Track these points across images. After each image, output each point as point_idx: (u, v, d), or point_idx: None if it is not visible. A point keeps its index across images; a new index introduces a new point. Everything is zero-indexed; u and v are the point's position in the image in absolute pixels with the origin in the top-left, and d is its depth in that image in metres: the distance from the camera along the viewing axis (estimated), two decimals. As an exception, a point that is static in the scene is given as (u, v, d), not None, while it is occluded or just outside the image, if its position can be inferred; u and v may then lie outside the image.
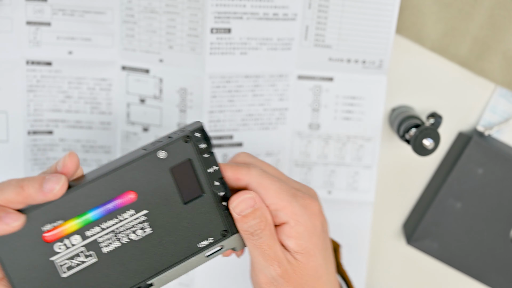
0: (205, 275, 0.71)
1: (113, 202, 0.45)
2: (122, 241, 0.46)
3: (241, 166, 0.49)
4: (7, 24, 0.63)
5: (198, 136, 0.46)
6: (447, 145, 0.70)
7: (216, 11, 0.63)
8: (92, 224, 0.45)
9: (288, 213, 0.49)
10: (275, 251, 0.49)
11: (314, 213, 0.50)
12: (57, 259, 0.45)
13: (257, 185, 0.49)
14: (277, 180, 0.49)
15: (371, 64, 0.66)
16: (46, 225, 0.44)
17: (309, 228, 0.49)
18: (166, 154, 0.46)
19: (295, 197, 0.49)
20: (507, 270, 0.70)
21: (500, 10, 0.64)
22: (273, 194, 0.49)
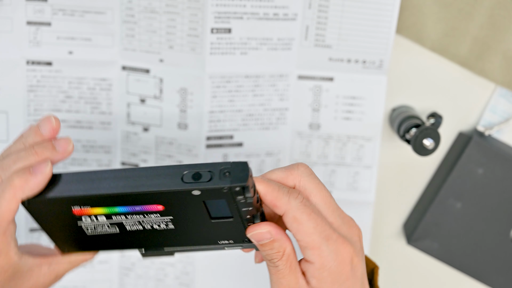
0: (205, 275, 0.71)
1: (141, 206, 0.46)
2: (145, 227, 0.48)
3: (283, 192, 0.46)
4: (7, 24, 0.63)
5: (238, 190, 0.44)
6: (447, 145, 0.70)
7: (216, 11, 0.63)
8: (118, 213, 0.47)
9: (316, 256, 0.46)
10: (288, 282, 0.48)
11: (343, 260, 0.47)
12: (84, 224, 0.48)
13: (292, 219, 0.46)
14: (314, 218, 0.46)
15: (371, 64, 0.66)
16: (75, 206, 0.46)
17: (334, 274, 0.47)
18: (200, 192, 0.45)
19: (328, 241, 0.46)
20: (507, 270, 0.70)
21: (500, 10, 0.64)
22: (305, 233, 0.46)
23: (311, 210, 0.46)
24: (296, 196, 0.46)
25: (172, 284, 0.72)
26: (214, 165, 0.44)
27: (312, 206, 0.47)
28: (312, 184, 0.48)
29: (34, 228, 0.69)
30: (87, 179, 0.46)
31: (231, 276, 0.72)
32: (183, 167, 0.45)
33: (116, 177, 0.45)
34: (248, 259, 0.71)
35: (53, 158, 0.47)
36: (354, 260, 0.48)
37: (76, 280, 0.71)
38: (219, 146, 0.68)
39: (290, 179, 0.48)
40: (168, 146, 0.67)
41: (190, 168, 0.45)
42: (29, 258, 0.50)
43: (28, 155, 0.47)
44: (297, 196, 0.46)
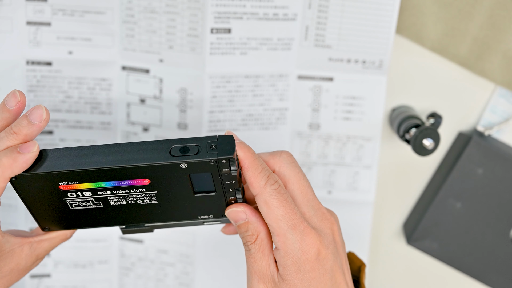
0: (205, 275, 0.71)
1: (127, 181, 0.47)
2: (129, 202, 0.49)
3: (262, 175, 0.48)
4: (7, 24, 0.63)
5: (224, 162, 0.46)
6: (447, 145, 0.70)
7: (216, 11, 0.63)
8: (104, 189, 0.48)
9: (281, 242, 0.48)
10: (259, 266, 0.49)
11: (308, 250, 0.48)
12: (68, 200, 0.49)
13: (263, 202, 0.47)
14: (284, 205, 0.47)
15: (371, 64, 0.66)
16: (62, 182, 0.47)
17: (297, 263, 0.48)
18: (187, 165, 0.46)
19: (294, 229, 0.47)
20: (507, 270, 0.70)
21: (500, 10, 0.64)
22: (274, 218, 0.47)
23: (284, 198, 0.48)
24: (272, 182, 0.48)
25: (172, 284, 0.72)
26: (201, 139, 0.46)
27: (286, 194, 0.48)
28: (292, 172, 0.49)
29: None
30: (75, 154, 0.46)
31: (230, 276, 0.72)
32: (171, 141, 0.46)
33: (104, 152, 0.46)
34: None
35: (32, 132, 0.47)
36: (321, 252, 0.48)
37: (76, 280, 0.71)
38: (219, 146, 0.68)
39: (271, 163, 0.50)
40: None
41: (177, 142, 0.46)
42: (10, 237, 0.50)
43: (7, 135, 0.47)
44: (273, 182, 0.48)
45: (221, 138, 0.46)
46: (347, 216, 0.70)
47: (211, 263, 0.71)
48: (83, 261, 0.71)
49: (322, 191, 0.70)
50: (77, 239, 0.70)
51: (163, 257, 0.71)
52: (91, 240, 0.71)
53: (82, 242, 0.71)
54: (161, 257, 0.71)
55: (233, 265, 0.72)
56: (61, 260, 0.71)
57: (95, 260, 0.71)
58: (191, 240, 0.70)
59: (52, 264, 0.71)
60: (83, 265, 0.71)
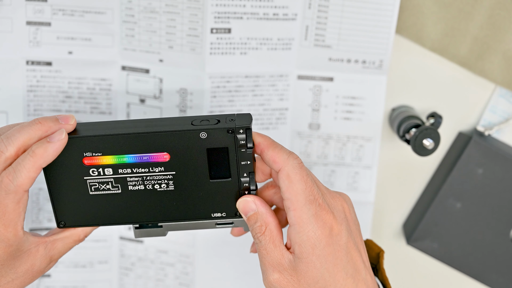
0: (205, 275, 0.71)
1: (148, 155, 0.50)
2: (147, 187, 0.51)
3: (283, 151, 0.49)
4: (7, 24, 0.63)
5: (241, 132, 0.49)
6: (447, 145, 0.70)
7: (216, 11, 0.63)
8: (125, 165, 0.50)
9: (296, 217, 0.48)
10: (272, 257, 0.49)
11: (322, 225, 0.48)
12: (90, 180, 0.51)
13: (285, 176, 0.49)
14: (305, 180, 0.49)
15: (371, 64, 0.66)
16: (88, 152, 0.50)
17: (313, 239, 0.48)
18: (207, 135, 0.49)
19: (311, 204, 0.48)
20: (507, 270, 0.70)
21: (500, 10, 0.64)
22: (293, 192, 0.48)
23: (305, 173, 0.49)
24: (295, 157, 0.49)
25: (172, 284, 0.72)
26: (221, 116, 0.50)
27: (308, 170, 0.50)
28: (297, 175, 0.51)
29: (34, 228, 0.69)
30: (103, 126, 0.50)
31: (230, 277, 0.72)
32: (193, 117, 0.50)
33: (130, 123, 0.50)
34: (247, 259, 0.71)
35: (56, 126, 0.50)
36: (334, 228, 0.49)
37: (76, 280, 0.71)
38: (219, 146, 0.68)
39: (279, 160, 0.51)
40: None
41: (199, 118, 0.50)
42: (29, 236, 0.51)
43: (32, 124, 0.49)
44: (296, 157, 0.49)
45: (239, 115, 0.49)
46: (347, 216, 0.70)
47: (211, 263, 0.71)
48: (83, 261, 0.71)
49: (322, 191, 0.70)
50: (77, 239, 0.71)
51: (163, 257, 0.71)
52: (91, 240, 0.71)
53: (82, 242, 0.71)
54: (161, 257, 0.71)
55: (233, 265, 0.72)
56: (61, 260, 0.71)
57: (95, 260, 0.71)
58: (191, 240, 0.70)
59: (52, 264, 0.71)
60: (83, 265, 0.71)
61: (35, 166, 0.48)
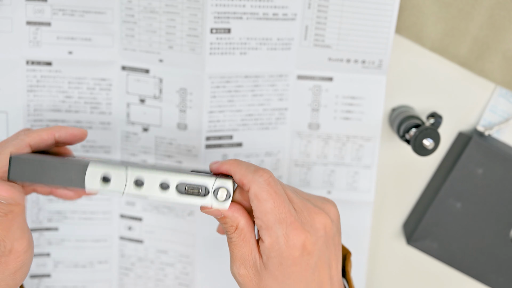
0: (205, 275, 0.71)
1: None
2: None
3: (248, 170, 0.49)
4: (7, 24, 0.63)
5: None
6: (447, 145, 0.70)
7: (216, 11, 0.63)
8: None
9: (267, 236, 0.48)
10: (241, 253, 0.50)
11: (293, 245, 0.48)
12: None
13: (253, 195, 0.48)
14: (274, 198, 0.48)
15: (370, 64, 0.66)
16: None
17: (281, 257, 0.48)
18: None
19: (281, 224, 0.48)
20: (507, 270, 0.70)
21: (500, 10, 0.64)
22: (262, 211, 0.48)
23: (274, 190, 0.48)
24: (261, 174, 0.48)
25: (171, 284, 0.72)
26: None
27: (277, 186, 0.48)
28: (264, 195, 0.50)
29: (35, 228, 0.69)
30: None
31: (230, 276, 0.72)
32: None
33: None
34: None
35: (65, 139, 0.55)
36: (307, 248, 0.49)
37: (76, 280, 0.71)
38: (218, 146, 0.68)
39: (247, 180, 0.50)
40: (168, 146, 0.67)
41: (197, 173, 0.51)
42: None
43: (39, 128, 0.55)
44: (262, 174, 0.48)
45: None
46: (346, 216, 0.70)
47: (211, 263, 0.71)
48: (83, 261, 0.71)
49: (322, 191, 0.70)
50: (77, 239, 0.71)
51: (163, 257, 0.71)
52: (91, 240, 0.71)
53: (82, 242, 0.71)
54: (161, 257, 0.71)
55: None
56: (61, 260, 0.71)
57: (95, 260, 0.71)
58: (191, 240, 0.70)
59: (52, 264, 0.71)
60: (83, 265, 0.71)
61: (51, 131, 0.54)
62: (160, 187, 0.49)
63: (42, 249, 0.70)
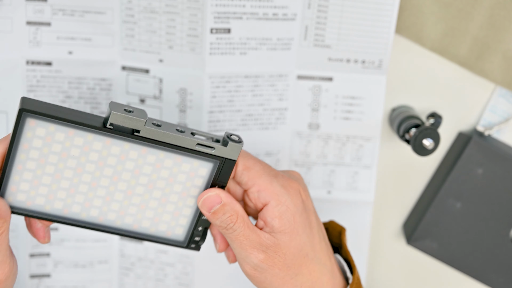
0: (205, 275, 0.72)
1: None
2: None
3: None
4: (7, 24, 0.63)
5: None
6: (447, 145, 0.70)
7: (216, 11, 0.63)
8: None
9: (270, 193, 0.51)
10: (252, 240, 0.50)
11: (295, 193, 0.51)
12: None
13: (243, 167, 0.52)
14: (259, 161, 0.52)
15: (370, 64, 0.66)
16: None
17: (291, 207, 0.51)
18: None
19: (276, 178, 0.51)
20: (507, 270, 0.70)
21: (500, 10, 0.64)
22: (255, 175, 0.51)
23: (255, 158, 0.52)
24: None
25: (171, 284, 0.72)
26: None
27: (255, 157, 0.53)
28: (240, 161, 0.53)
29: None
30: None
31: (230, 277, 0.72)
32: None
33: None
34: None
35: None
36: (302, 194, 0.52)
37: (76, 280, 0.71)
38: (218, 146, 0.68)
39: None
40: (168, 146, 0.67)
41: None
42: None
43: None
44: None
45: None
46: (346, 216, 0.70)
47: (211, 263, 0.71)
48: (83, 261, 0.71)
49: (322, 191, 0.70)
50: (77, 239, 0.71)
51: (163, 257, 0.71)
52: (91, 240, 0.71)
53: (82, 242, 0.71)
54: (161, 257, 0.71)
55: (233, 265, 0.72)
56: (61, 260, 0.71)
57: (95, 260, 0.71)
58: (191, 240, 0.70)
59: (52, 264, 0.71)
60: (83, 265, 0.71)
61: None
62: (176, 130, 0.50)
63: (42, 249, 0.70)
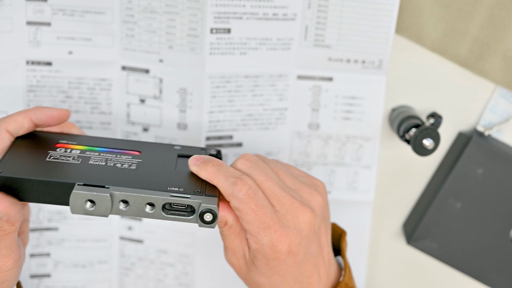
0: (205, 276, 0.72)
1: (121, 150, 0.52)
2: (107, 164, 0.50)
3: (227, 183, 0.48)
4: (7, 24, 0.63)
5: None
6: (447, 145, 0.70)
7: (216, 11, 0.63)
8: (95, 151, 0.52)
9: (252, 241, 0.49)
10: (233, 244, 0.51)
11: (279, 250, 0.49)
12: (52, 152, 0.51)
13: (234, 208, 0.49)
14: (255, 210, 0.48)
15: (370, 64, 0.66)
16: (63, 140, 0.53)
17: (267, 259, 0.49)
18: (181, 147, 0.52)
19: (265, 231, 0.48)
20: (507, 270, 0.70)
21: (500, 10, 0.64)
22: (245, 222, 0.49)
23: (254, 203, 0.48)
24: (240, 188, 0.48)
25: (171, 284, 0.72)
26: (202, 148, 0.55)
27: (257, 196, 0.48)
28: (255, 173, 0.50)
29: (35, 228, 0.69)
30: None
31: (230, 277, 0.72)
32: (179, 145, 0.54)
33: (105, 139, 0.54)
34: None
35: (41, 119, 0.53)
36: (292, 250, 0.49)
37: (76, 280, 0.71)
38: (218, 146, 0.68)
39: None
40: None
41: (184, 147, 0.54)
42: None
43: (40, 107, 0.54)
44: (241, 188, 0.48)
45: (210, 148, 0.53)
46: (346, 216, 0.70)
47: (211, 263, 0.71)
48: (83, 261, 0.71)
49: (322, 191, 0.70)
50: (77, 239, 0.71)
51: (163, 257, 0.71)
52: (91, 240, 0.71)
53: (82, 242, 0.71)
54: (161, 257, 0.71)
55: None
56: (61, 260, 0.71)
57: (95, 260, 0.71)
58: (191, 240, 0.70)
59: (52, 264, 0.71)
60: (83, 265, 0.71)
61: (26, 114, 0.51)
62: (146, 205, 0.48)
63: (42, 249, 0.70)
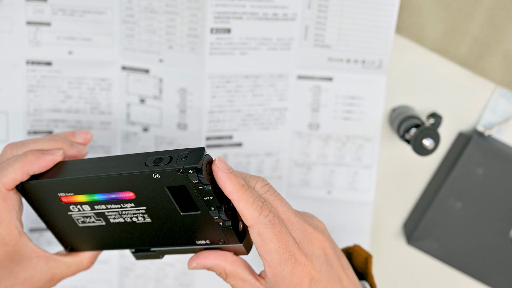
0: (205, 276, 0.71)
1: (115, 193, 0.49)
2: (125, 219, 0.51)
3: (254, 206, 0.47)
4: (7, 24, 0.63)
5: (191, 173, 0.45)
6: (447, 145, 0.70)
7: (216, 11, 0.63)
8: (98, 202, 0.50)
9: (271, 274, 0.48)
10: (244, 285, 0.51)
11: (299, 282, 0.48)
12: (73, 214, 0.52)
13: (257, 234, 0.47)
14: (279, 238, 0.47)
15: (370, 64, 0.66)
16: (61, 192, 0.51)
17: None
18: (159, 176, 0.46)
19: (286, 263, 0.47)
20: (507, 270, 0.70)
21: (500, 10, 0.64)
22: (267, 251, 0.47)
23: (278, 230, 0.47)
24: (267, 213, 0.47)
25: (171, 284, 0.72)
26: (175, 151, 0.46)
27: (281, 225, 0.47)
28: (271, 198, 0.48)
29: (35, 228, 0.69)
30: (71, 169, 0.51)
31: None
32: (148, 154, 0.48)
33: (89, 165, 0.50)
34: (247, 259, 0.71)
35: (68, 151, 0.53)
36: (314, 277, 0.48)
37: (76, 280, 0.71)
38: (218, 146, 0.68)
39: None
40: (168, 146, 0.68)
41: (153, 155, 0.47)
42: (29, 242, 0.52)
43: (47, 139, 0.52)
44: (268, 213, 0.47)
45: (192, 150, 0.46)
46: (347, 216, 0.70)
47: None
48: (83, 261, 0.71)
49: (322, 191, 0.70)
50: (77, 239, 0.71)
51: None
52: (91, 240, 0.71)
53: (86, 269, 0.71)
54: (161, 257, 0.71)
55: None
56: (61, 260, 0.71)
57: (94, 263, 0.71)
58: (191, 240, 0.70)
59: (52, 264, 0.71)
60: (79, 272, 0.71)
61: (22, 170, 0.49)
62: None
63: (42, 249, 0.70)
